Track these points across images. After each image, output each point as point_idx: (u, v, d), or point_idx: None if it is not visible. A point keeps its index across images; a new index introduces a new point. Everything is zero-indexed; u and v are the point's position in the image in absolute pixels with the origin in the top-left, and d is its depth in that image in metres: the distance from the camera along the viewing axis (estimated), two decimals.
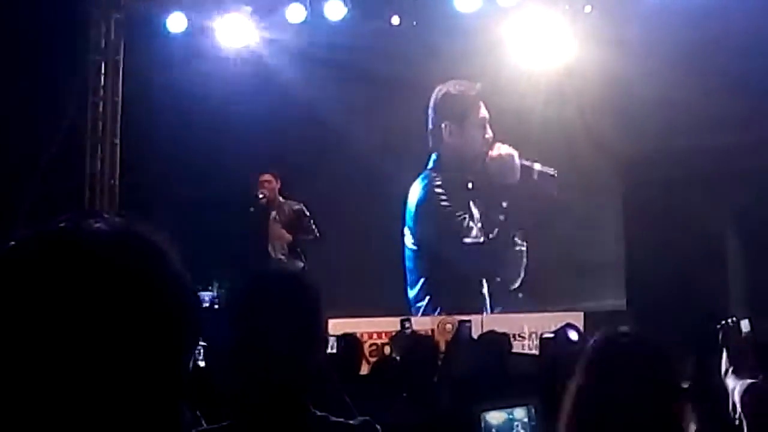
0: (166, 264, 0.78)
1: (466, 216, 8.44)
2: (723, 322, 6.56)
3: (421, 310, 8.46)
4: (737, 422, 3.79)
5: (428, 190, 8.52)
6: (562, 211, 8.44)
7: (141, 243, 0.78)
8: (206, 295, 7.30)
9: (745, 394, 3.80)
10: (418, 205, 8.70)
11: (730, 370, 4.64)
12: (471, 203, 8.42)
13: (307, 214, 8.02)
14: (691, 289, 7.79)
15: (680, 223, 7.93)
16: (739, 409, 3.83)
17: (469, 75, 8.47)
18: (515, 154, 8.27)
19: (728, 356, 5.03)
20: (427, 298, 8.63)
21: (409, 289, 8.74)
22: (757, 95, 7.63)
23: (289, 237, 7.77)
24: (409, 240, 8.72)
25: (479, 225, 8.37)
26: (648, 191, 8.10)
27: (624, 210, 8.44)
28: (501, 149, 8.27)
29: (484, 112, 8.34)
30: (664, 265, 7.90)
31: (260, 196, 7.65)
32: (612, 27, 7.94)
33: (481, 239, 8.53)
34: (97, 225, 0.77)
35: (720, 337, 5.75)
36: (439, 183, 8.45)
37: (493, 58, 8.32)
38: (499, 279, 8.48)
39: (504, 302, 8.36)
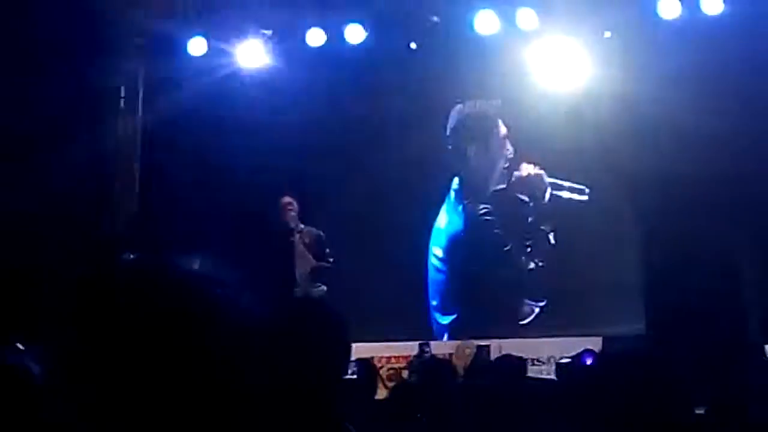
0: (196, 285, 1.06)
1: (511, 244, 8.71)
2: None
3: (448, 332, 8.74)
4: None
5: (472, 215, 8.80)
6: (579, 233, 8.66)
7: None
8: None
9: None
10: (463, 232, 8.95)
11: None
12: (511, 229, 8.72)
13: (324, 241, 8.39)
14: (711, 313, 7.99)
15: (698, 246, 8.14)
16: None
17: (488, 95, 8.76)
18: (543, 173, 8.54)
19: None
20: (460, 321, 8.89)
21: (438, 316, 9.02)
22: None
23: (313, 262, 8.07)
24: (441, 265, 8.98)
25: (529, 248, 8.66)
26: (665, 213, 8.33)
27: (641, 232, 8.65)
28: (528, 169, 8.51)
29: (504, 130, 8.65)
30: (684, 288, 8.09)
31: (291, 223, 8.02)
32: (631, 51, 8.26)
33: (532, 266, 8.76)
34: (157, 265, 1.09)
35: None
36: (483, 209, 8.72)
37: (511, 78, 8.64)
38: (543, 303, 8.69)
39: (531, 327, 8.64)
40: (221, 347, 0.99)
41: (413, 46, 8.53)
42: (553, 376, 7.63)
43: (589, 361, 6.54)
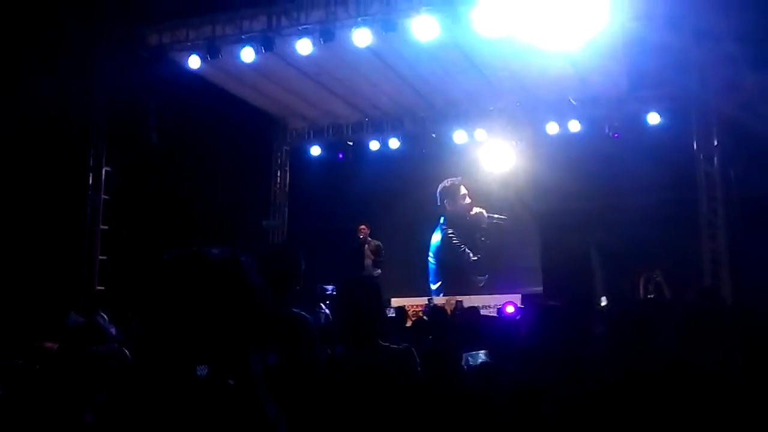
0: (244, 271, 1.49)
1: (465, 247, 15.31)
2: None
3: (438, 293, 14.95)
4: None
5: (444, 236, 15.46)
6: (510, 241, 14.77)
7: (228, 260, 1.53)
8: (329, 287, 11.50)
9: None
10: (440, 244, 15.47)
11: None
12: (465, 241, 15.36)
13: (382, 248, 13.18)
14: (573, 282, 12.83)
15: (570, 246, 13.21)
16: None
17: (457, 175, 15.26)
18: (484, 211, 15.11)
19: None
20: (442, 289, 15.19)
21: (431, 285, 15.32)
22: (604, 181, 13.29)
23: (372, 257, 13.04)
24: (432, 260, 15.49)
25: (470, 251, 15.31)
26: (552, 229, 13.90)
27: (540, 240, 14.59)
28: (476, 209, 15.14)
29: (464, 191, 15.15)
30: (561, 268, 13.42)
31: (360, 236, 13.09)
32: (528, 151, 14.40)
33: (475, 258, 15.31)
34: (213, 251, 1.53)
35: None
36: (451, 232, 15.34)
37: (469, 165, 14.97)
38: (486, 276, 15.16)
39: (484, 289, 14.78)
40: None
41: (424, 150, 14.85)
42: (495, 314, 11.27)
43: (509, 308, 10.58)
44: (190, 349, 1.47)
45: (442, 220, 15.58)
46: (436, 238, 15.48)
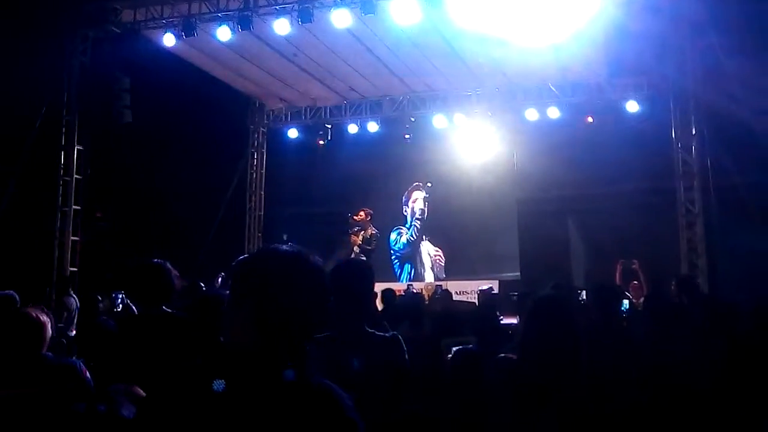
0: (309, 262, 1.77)
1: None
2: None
3: (405, 280, 15.32)
4: None
5: (398, 233, 15.90)
6: (488, 227, 14.82)
7: (299, 255, 1.78)
8: None
9: None
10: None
11: None
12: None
13: (375, 237, 13.07)
14: (551, 269, 12.57)
15: (548, 234, 13.64)
16: None
17: (435, 160, 15.29)
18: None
19: None
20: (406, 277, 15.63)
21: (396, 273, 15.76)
22: (583, 168, 13.25)
23: (359, 244, 12.84)
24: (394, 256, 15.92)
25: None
26: (531, 215, 14.15)
27: (518, 226, 14.73)
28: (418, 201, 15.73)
29: (415, 196, 15.89)
30: (538, 255, 13.62)
31: (353, 220, 12.89)
32: (508, 137, 14.53)
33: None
34: (286, 247, 1.79)
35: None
36: (400, 230, 15.88)
37: (449, 148, 15.09)
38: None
39: (455, 274, 15.00)
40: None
41: (407, 136, 14.82)
42: (473, 299, 12.06)
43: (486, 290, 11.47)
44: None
45: (406, 218, 16.22)
46: (394, 235, 16.07)
